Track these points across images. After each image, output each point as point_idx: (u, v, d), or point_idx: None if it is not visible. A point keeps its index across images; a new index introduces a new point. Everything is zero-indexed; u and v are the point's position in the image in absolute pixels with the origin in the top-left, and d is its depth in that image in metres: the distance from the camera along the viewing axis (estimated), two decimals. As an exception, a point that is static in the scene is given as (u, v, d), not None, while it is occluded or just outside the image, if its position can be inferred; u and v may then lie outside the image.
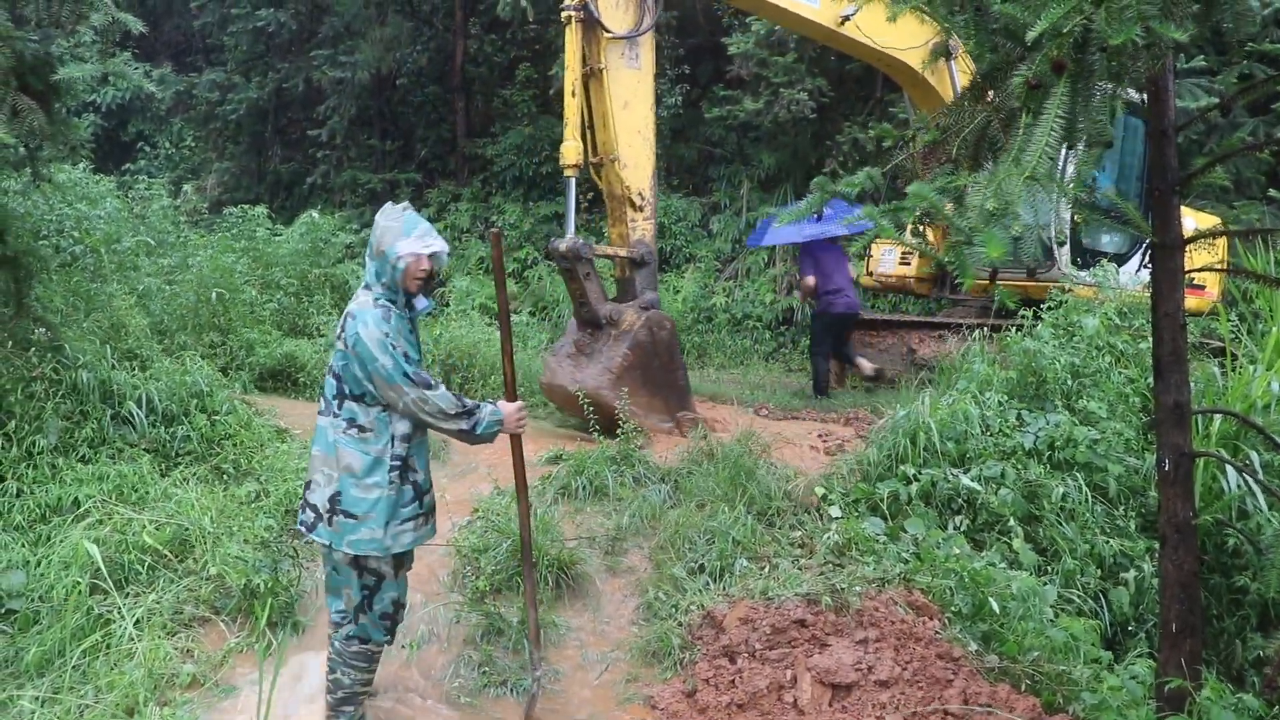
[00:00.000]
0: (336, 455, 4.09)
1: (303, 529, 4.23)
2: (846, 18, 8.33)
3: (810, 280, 9.94)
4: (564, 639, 5.28)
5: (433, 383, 4.05)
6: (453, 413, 4.05)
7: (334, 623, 4.31)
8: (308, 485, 4.21)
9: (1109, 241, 9.77)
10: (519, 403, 4.36)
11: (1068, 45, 2.90)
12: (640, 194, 7.86)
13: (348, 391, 4.08)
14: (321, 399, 4.24)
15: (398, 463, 4.10)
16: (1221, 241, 9.30)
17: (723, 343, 13.72)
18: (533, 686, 4.68)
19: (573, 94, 7.51)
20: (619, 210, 8.00)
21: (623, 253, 8.03)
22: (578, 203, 16.71)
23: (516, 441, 4.53)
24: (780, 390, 10.43)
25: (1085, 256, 9.57)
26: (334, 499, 4.08)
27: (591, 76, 7.70)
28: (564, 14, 7.51)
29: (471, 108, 19.37)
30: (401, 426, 4.10)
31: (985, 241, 2.92)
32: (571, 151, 7.51)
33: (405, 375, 3.96)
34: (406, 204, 4.24)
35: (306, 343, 10.32)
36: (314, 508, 4.14)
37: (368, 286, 4.14)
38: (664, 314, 7.95)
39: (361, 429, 4.07)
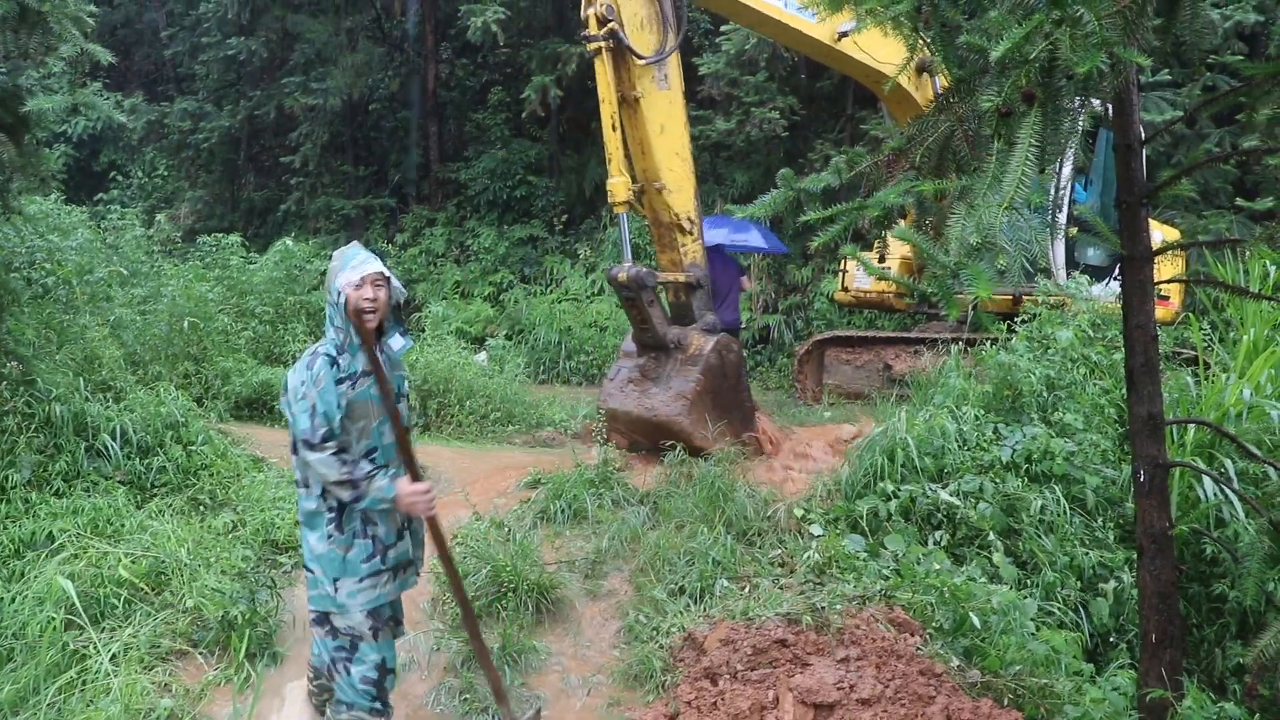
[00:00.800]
0: (299, 510, 4.02)
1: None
2: (844, 34, 8.29)
3: None
4: (545, 664, 5.25)
5: (326, 445, 3.76)
6: (333, 479, 3.77)
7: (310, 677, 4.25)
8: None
9: (1094, 255, 9.86)
10: (424, 484, 3.96)
11: (1034, 72, 2.93)
12: (688, 218, 7.66)
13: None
14: None
15: (344, 515, 3.90)
16: (1183, 253, 9.40)
17: (699, 361, 13.72)
18: None
19: (614, 128, 7.20)
20: (668, 236, 7.74)
21: (681, 278, 7.76)
22: (552, 225, 16.68)
23: (434, 524, 4.10)
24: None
25: (1078, 271, 9.65)
26: (302, 553, 4.01)
27: (624, 104, 7.37)
28: (592, 46, 7.18)
29: (444, 132, 19.39)
30: None
31: (973, 277, 2.93)
32: (622, 188, 7.21)
33: (300, 429, 3.76)
34: (355, 243, 4.09)
35: (282, 370, 10.27)
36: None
37: (325, 331, 3.98)
38: (730, 337, 7.88)
39: (300, 482, 3.96)
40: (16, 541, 5.62)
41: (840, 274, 11.65)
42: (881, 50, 8.21)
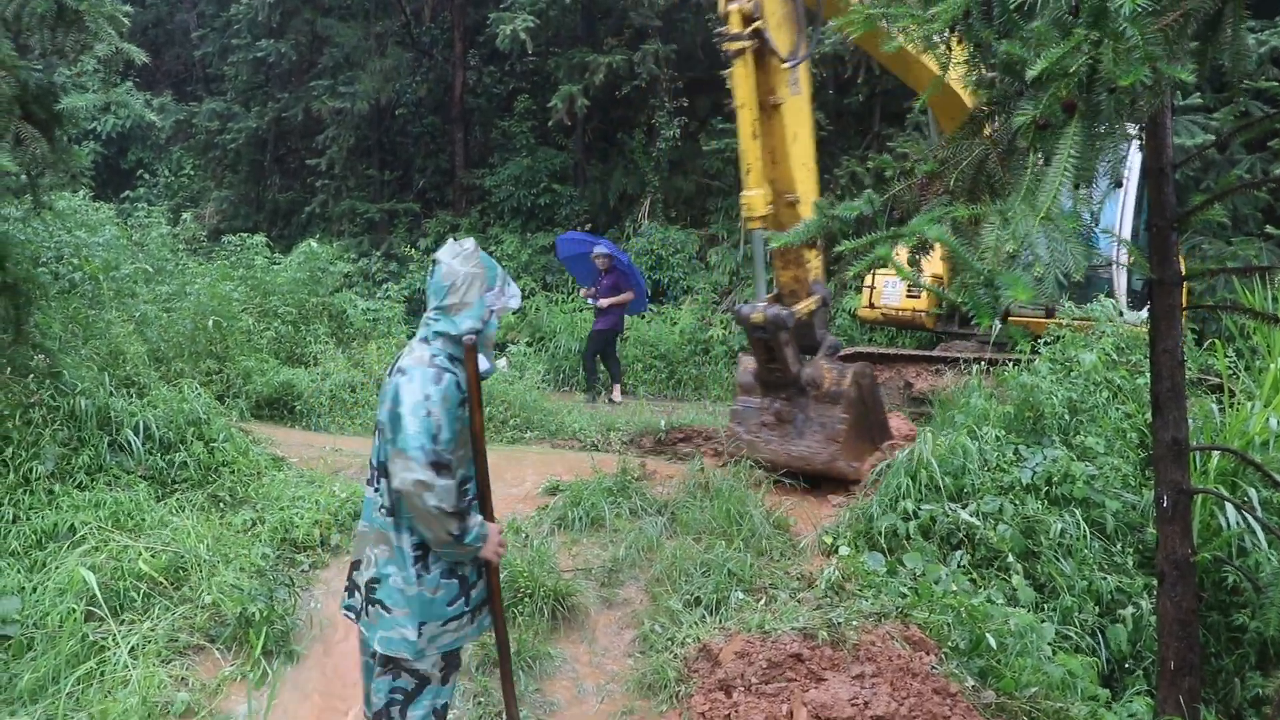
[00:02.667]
0: (375, 536, 3.58)
1: (350, 615, 3.71)
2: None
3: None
4: (559, 670, 5.25)
5: (453, 468, 3.44)
6: (449, 510, 3.36)
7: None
8: (356, 564, 3.70)
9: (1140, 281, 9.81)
10: (498, 526, 3.72)
11: (1075, 85, 2.92)
12: None
13: (384, 461, 3.53)
14: (370, 465, 3.69)
15: (431, 554, 3.54)
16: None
17: (719, 375, 13.73)
18: None
19: (754, 135, 6.85)
20: (794, 253, 7.20)
21: (814, 304, 7.30)
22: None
23: (493, 571, 3.78)
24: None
25: (1135, 298, 9.58)
26: (371, 585, 3.57)
27: (761, 110, 6.91)
28: (734, 46, 6.71)
29: (470, 138, 19.48)
30: None
31: (1009, 284, 2.90)
32: (760, 201, 6.82)
33: (421, 448, 3.33)
34: (473, 242, 3.69)
35: (304, 371, 10.33)
36: (360, 590, 3.65)
37: (425, 340, 3.58)
38: (863, 364, 7.62)
39: (389, 510, 3.54)
40: (39, 532, 5.65)
41: (867, 290, 11.59)
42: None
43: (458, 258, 3.56)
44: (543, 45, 16.92)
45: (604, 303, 12.19)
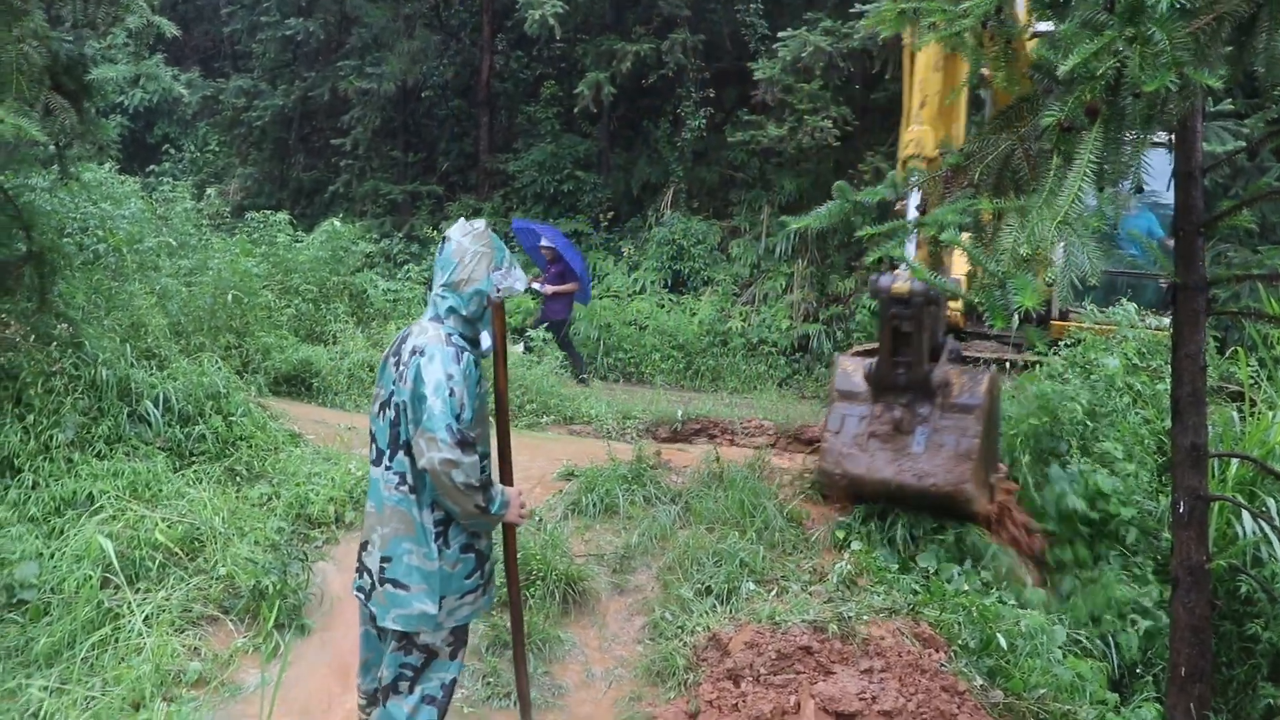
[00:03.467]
0: (386, 514, 3.62)
1: (360, 595, 3.76)
2: None
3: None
4: (568, 654, 5.28)
5: (476, 446, 3.50)
6: (475, 484, 3.46)
7: (361, 704, 3.95)
8: (364, 545, 3.77)
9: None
10: (518, 489, 3.86)
11: (1100, 89, 2.91)
12: None
13: (400, 440, 3.58)
14: (372, 446, 3.73)
15: (451, 529, 3.62)
16: None
17: (737, 367, 13.73)
18: None
19: (937, 68, 6.10)
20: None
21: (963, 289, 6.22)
22: (597, 221, 16.65)
23: (512, 532, 3.99)
24: (794, 414, 10.39)
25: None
26: (382, 564, 3.61)
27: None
28: None
29: (495, 123, 19.47)
30: None
31: (1019, 288, 2.89)
32: (932, 139, 5.91)
33: (448, 427, 3.40)
34: (485, 223, 3.79)
35: (323, 349, 10.37)
36: (369, 572, 3.69)
37: (438, 318, 3.65)
38: (995, 372, 6.51)
39: (411, 488, 3.58)
40: (58, 499, 5.70)
41: None
42: None
43: (468, 235, 3.67)
44: (571, 31, 16.87)
45: (549, 289, 12.61)
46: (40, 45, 5.63)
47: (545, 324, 12.59)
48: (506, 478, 3.94)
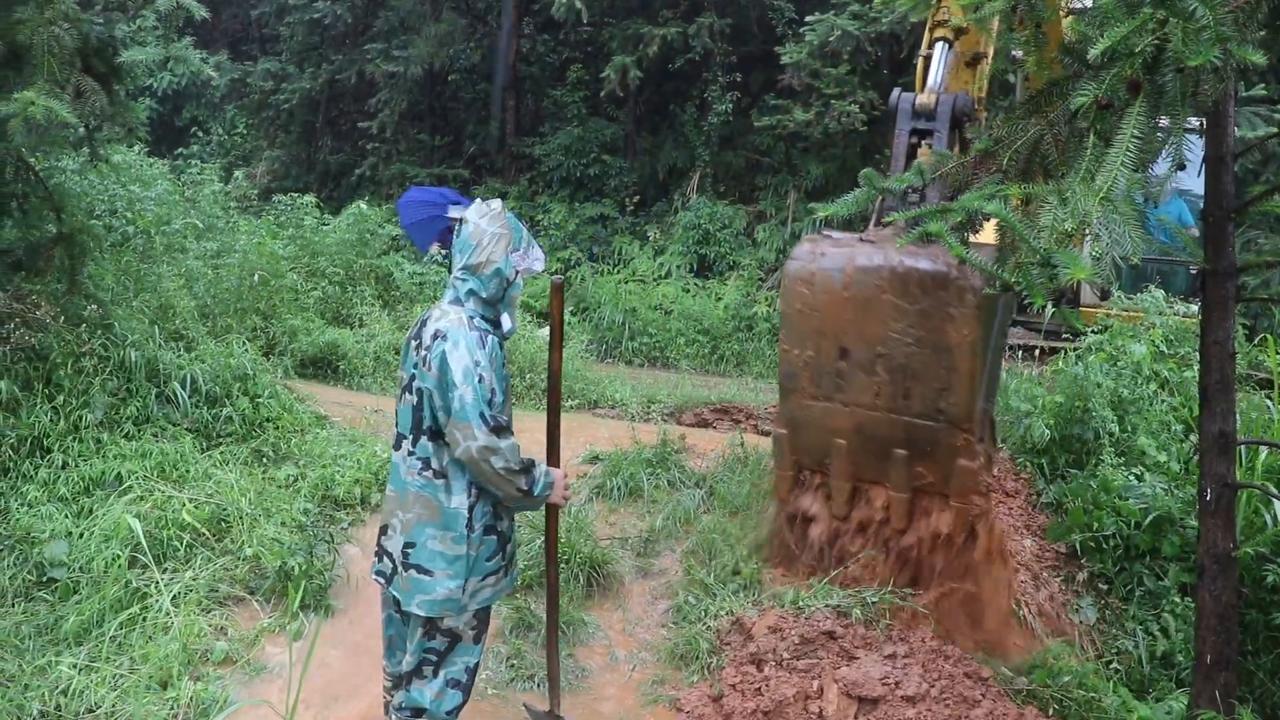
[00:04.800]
0: (409, 499, 3.60)
1: (380, 580, 3.74)
2: None
3: None
4: (593, 637, 5.29)
5: (509, 428, 3.52)
6: (516, 468, 3.47)
7: (387, 685, 3.95)
8: (383, 529, 3.74)
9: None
10: (563, 470, 3.87)
11: (1139, 65, 2.86)
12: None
13: (424, 425, 3.55)
14: (396, 430, 3.71)
15: (475, 513, 3.59)
16: None
17: (762, 352, 13.68)
18: None
19: None
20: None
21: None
22: (623, 205, 16.57)
23: (554, 513, 4.07)
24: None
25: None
26: (405, 550, 3.59)
27: None
28: None
29: (521, 106, 19.47)
30: None
31: (1067, 262, 2.84)
32: (961, 10, 5.07)
33: (481, 415, 3.39)
34: (501, 204, 3.73)
35: (349, 332, 10.42)
36: (390, 557, 3.68)
37: (458, 301, 3.61)
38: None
39: (437, 473, 3.56)
40: (87, 479, 5.77)
41: None
42: None
43: (485, 217, 3.62)
44: (598, 15, 16.84)
45: None
46: (71, 28, 5.65)
47: None
48: (554, 458, 3.96)
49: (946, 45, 5.43)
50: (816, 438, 4.98)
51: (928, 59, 5.46)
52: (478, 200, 3.71)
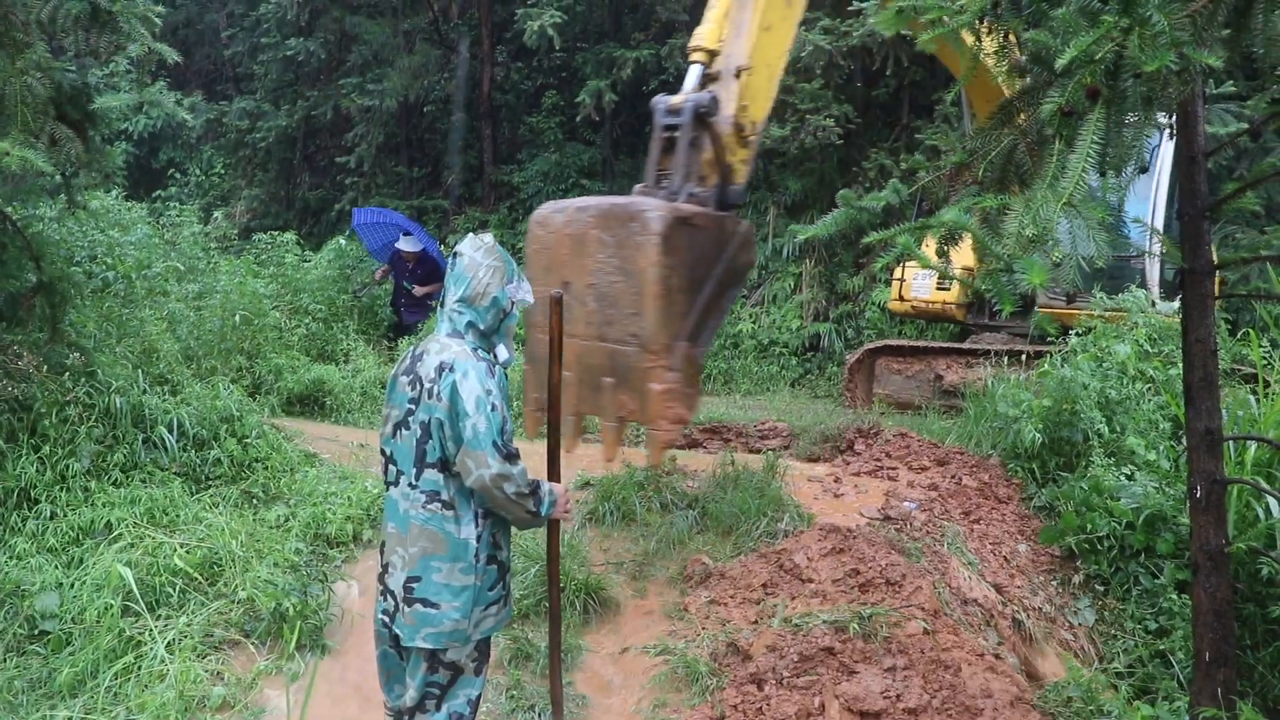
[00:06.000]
0: (411, 533, 3.59)
1: (384, 619, 3.71)
2: None
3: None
4: (590, 663, 5.27)
5: (518, 455, 3.55)
6: (526, 491, 3.53)
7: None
8: (385, 567, 3.72)
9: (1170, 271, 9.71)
10: (565, 485, 3.92)
11: (1100, 72, 2.90)
12: (753, 124, 6.15)
13: (429, 458, 3.56)
14: (389, 466, 3.70)
15: (483, 544, 3.62)
16: None
17: (749, 369, 13.72)
18: None
19: None
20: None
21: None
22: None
23: (556, 529, 4.13)
24: (807, 414, 10.36)
25: (1168, 289, 9.49)
26: (408, 584, 3.58)
27: None
28: None
29: (498, 135, 19.52)
30: (481, 502, 3.61)
31: (1026, 268, 2.90)
32: (713, 36, 6.02)
33: (494, 444, 3.44)
34: (493, 237, 3.77)
35: (334, 368, 10.40)
36: (392, 594, 3.65)
37: (458, 334, 3.64)
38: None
39: (445, 504, 3.56)
40: (76, 529, 5.72)
41: (896, 283, 11.52)
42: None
43: (479, 250, 3.66)
44: (570, 41, 16.91)
45: (419, 291, 12.70)
46: (44, 77, 5.66)
47: (409, 328, 12.61)
48: (554, 474, 4.02)
49: (701, 67, 5.97)
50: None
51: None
52: (470, 236, 3.72)
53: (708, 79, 6.01)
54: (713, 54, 5.99)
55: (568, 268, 5.34)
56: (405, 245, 12.68)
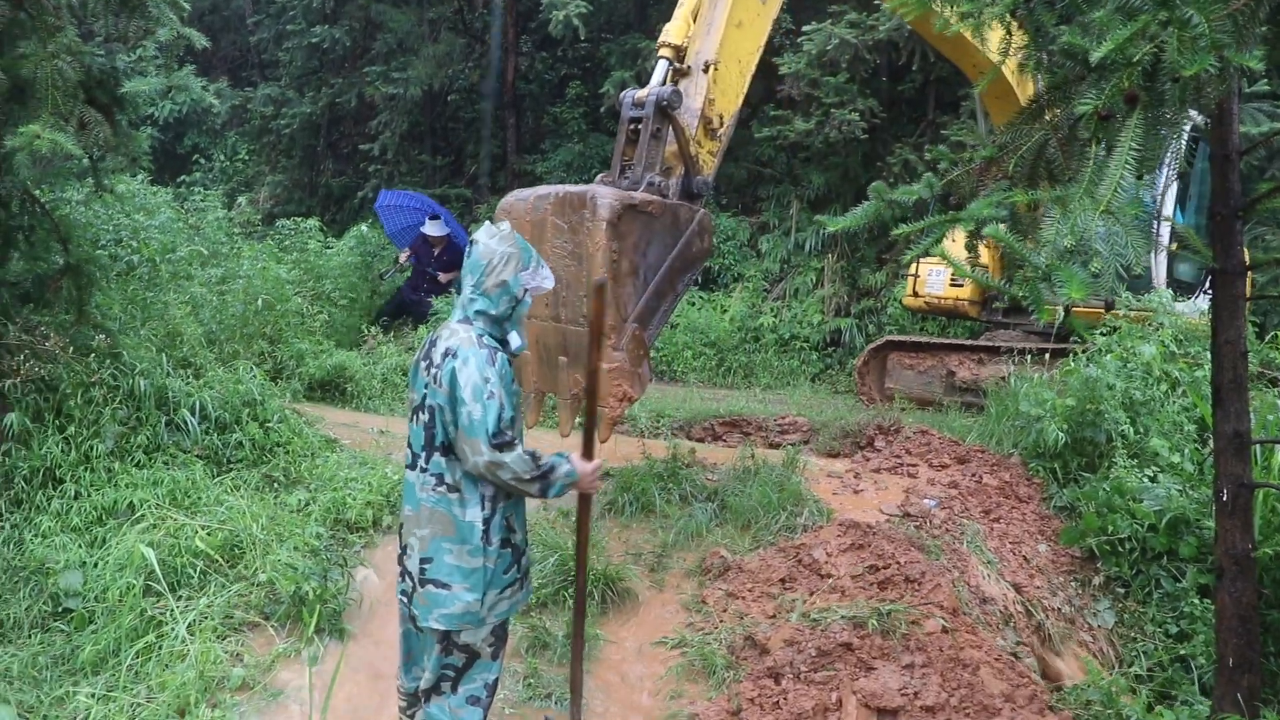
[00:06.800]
0: (423, 516, 3.67)
1: (403, 599, 3.80)
2: None
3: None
4: (608, 653, 5.28)
5: (515, 442, 3.58)
6: (527, 477, 3.58)
7: (402, 705, 3.99)
8: (403, 549, 3.80)
9: (1184, 270, 9.63)
10: (596, 462, 3.96)
11: (1138, 74, 2.86)
12: (719, 117, 6.34)
13: (435, 442, 3.64)
14: (408, 450, 3.77)
15: (492, 526, 3.66)
16: None
17: (769, 363, 13.67)
18: None
19: None
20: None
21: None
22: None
23: (586, 502, 4.18)
24: (828, 409, 10.32)
25: (1181, 289, 9.41)
26: (422, 566, 3.66)
27: None
28: None
29: (522, 124, 19.50)
30: (491, 487, 3.66)
31: (1065, 280, 2.87)
32: (680, 32, 6.28)
33: (487, 432, 3.48)
34: (509, 224, 3.84)
35: (355, 354, 10.43)
36: (410, 575, 3.74)
37: (467, 320, 3.70)
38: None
39: (450, 487, 3.63)
40: (100, 509, 5.77)
41: (911, 279, 11.47)
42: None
43: (495, 238, 3.70)
44: (595, 31, 16.85)
45: (444, 278, 12.68)
46: (74, 61, 5.68)
47: (418, 315, 12.50)
48: (588, 451, 4.03)
49: (668, 62, 6.21)
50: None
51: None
52: (487, 222, 3.76)
53: (678, 74, 6.24)
54: (678, 49, 6.23)
55: None
56: (432, 229, 12.68)
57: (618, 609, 5.58)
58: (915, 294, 11.39)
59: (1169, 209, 9.41)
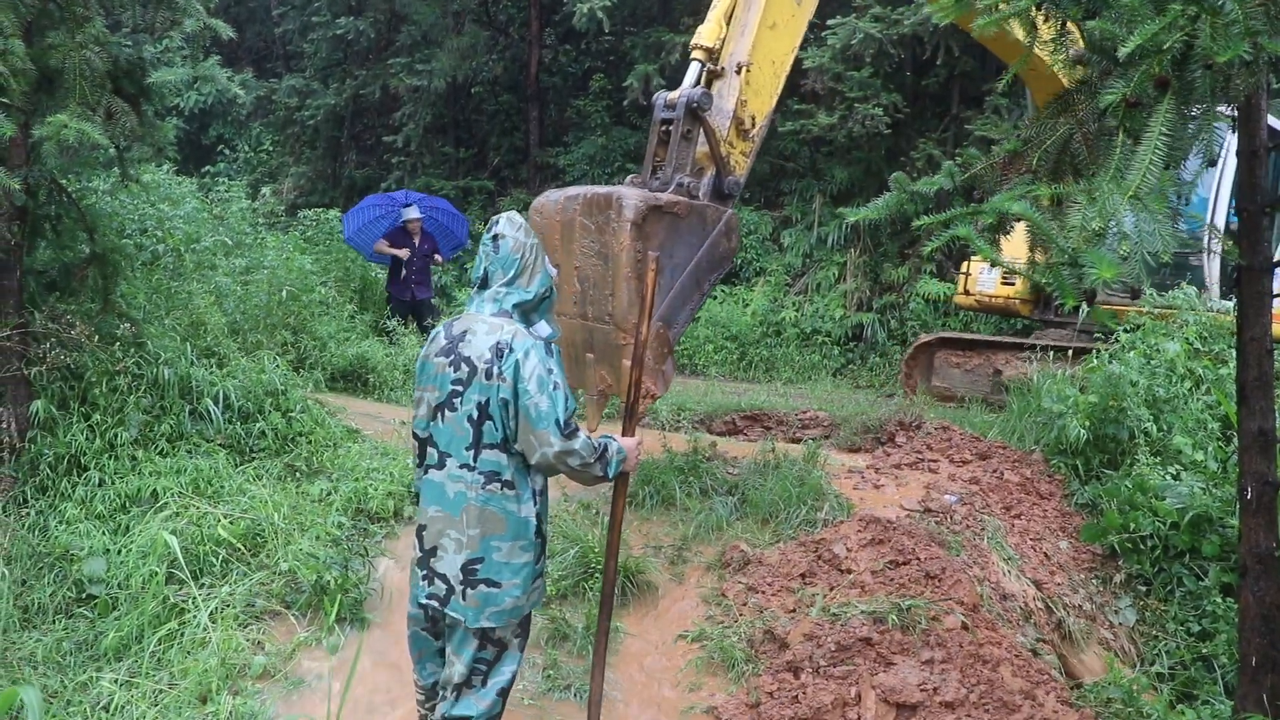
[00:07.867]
0: (469, 516, 3.58)
1: (434, 603, 3.68)
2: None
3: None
4: (627, 646, 5.28)
5: (579, 429, 3.59)
6: (591, 460, 3.58)
7: (420, 700, 3.98)
8: (430, 552, 3.68)
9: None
10: (638, 438, 3.98)
11: (1168, 61, 2.84)
12: (753, 119, 6.32)
13: (486, 439, 3.56)
14: (429, 450, 3.69)
15: (543, 520, 3.72)
16: None
17: (791, 357, 13.66)
18: None
19: None
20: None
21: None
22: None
23: (623, 480, 4.12)
24: (849, 404, 10.30)
25: (1228, 284, 9.30)
26: (469, 567, 3.58)
27: None
28: None
29: (545, 117, 19.52)
30: (539, 480, 3.67)
31: (1095, 261, 2.82)
32: (713, 34, 6.19)
33: (558, 423, 3.48)
34: (520, 216, 3.82)
35: (378, 344, 10.47)
36: (443, 578, 3.64)
37: (505, 314, 3.65)
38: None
39: (506, 484, 3.58)
40: (123, 496, 5.83)
41: (962, 277, 11.39)
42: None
43: (520, 230, 3.72)
44: (619, 25, 16.85)
45: (440, 260, 12.71)
46: (101, 51, 5.72)
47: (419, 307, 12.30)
48: (630, 428, 4.11)
49: (700, 64, 6.17)
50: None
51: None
52: (502, 216, 3.75)
53: (711, 75, 6.22)
54: (710, 51, 6.19)
55: (558, 252, 5.71)
56: (413, 214, 12.34)
57: (638, 601, 5.58)
58: (966, 292, 11.33)
59: (1224, 204, 9.30)
